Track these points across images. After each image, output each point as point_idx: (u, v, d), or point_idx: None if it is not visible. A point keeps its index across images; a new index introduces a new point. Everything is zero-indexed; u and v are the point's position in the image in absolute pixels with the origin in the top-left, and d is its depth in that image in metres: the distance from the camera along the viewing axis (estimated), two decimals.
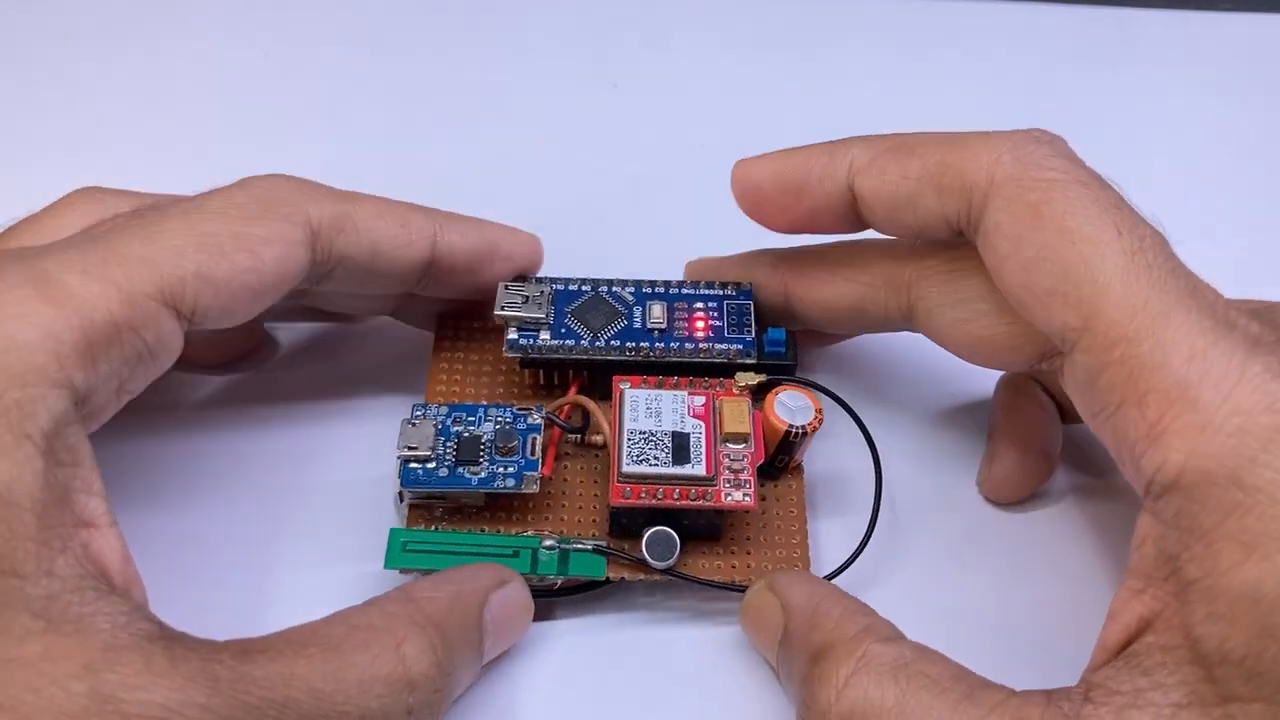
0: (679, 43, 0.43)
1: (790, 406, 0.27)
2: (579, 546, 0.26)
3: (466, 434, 0.27)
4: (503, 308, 0.28)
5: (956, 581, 0.28)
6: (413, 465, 0.26)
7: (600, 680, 0.26)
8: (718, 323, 0.29)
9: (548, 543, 0.26)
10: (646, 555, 0.26)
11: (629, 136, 0.39)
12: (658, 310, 0.29)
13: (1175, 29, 0.43)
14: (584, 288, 0.29)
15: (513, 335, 0.28)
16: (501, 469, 0.26)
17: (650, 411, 0.27)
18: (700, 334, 0.28)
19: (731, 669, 0.26)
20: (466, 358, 0.30)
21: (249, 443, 0.30)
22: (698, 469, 0.26)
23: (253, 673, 0.19)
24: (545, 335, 0.28)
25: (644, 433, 0.26)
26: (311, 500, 0.29)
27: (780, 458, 0.28)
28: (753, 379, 0.28)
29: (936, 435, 0.31)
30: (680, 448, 0.26)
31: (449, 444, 0.27)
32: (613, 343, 0.28)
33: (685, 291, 0.29)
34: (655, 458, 0.26)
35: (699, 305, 0.29)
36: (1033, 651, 0.27)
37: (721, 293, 0.29)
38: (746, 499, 0.26)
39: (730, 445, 0.26)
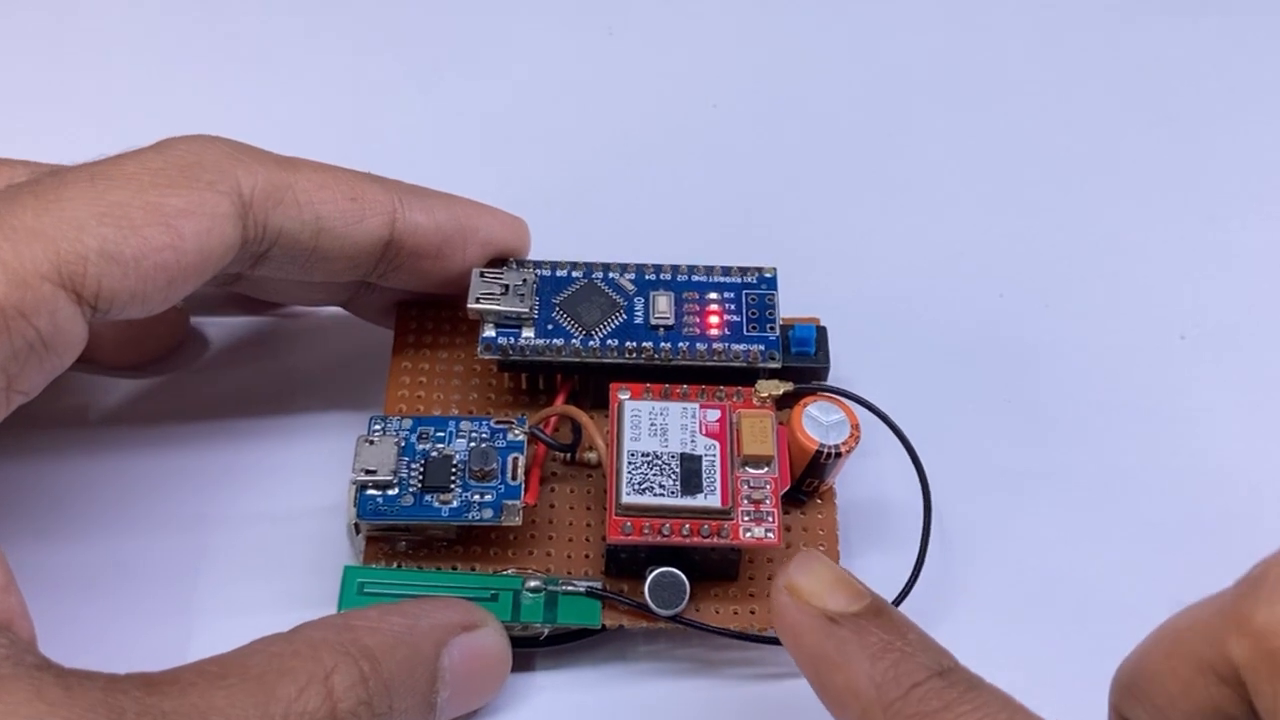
0: None
1: (821, 421, 0.25)
2: (569, 589, 0.24)
3: (435, 454, 0.25)
4: (478, 299, 0.26)
5: (1018, 626, 0.26)
6: (371, 492, 0.25)
7: None
8: (735, 318, 0.27)
9: (532, 584, 0.24)
10: (650, 602, 0.24)
11: (628, 93, 0.37)
12: (663, 302, 0.27)
13: None
14: (575, 274, 0.28)
15: (489, 333, 0.26)
16: (477, 496, 0.25)
17: (655, 429, 0.25)
18: (714, 332, 0.27)
19: None
20: (434, 358, 0.28)
21: (170, 460, 0.28)
22: (711, 500, 0.24)
23: (162, 705, 0.18)
24: (528, 333, 0.26)
25: (647, 455, 0.24)
26: (246, 531, 0.27)
27: (809, 482, 0.26)
28: (777, 388, 0.26)
29: (994, 454, 0.29)
30: (690, 474, 0.24)
31: (414, 466, 0.25)
32: (609, 342, 0.26)
33: (696, 279, 0.28)
34: (661, 486, 0.24)
35: (712, 296, 0.27)
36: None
37: (740, 280, 0.28)
38: (769, 535, 0.24)
39: (750, 470, 0.24)
